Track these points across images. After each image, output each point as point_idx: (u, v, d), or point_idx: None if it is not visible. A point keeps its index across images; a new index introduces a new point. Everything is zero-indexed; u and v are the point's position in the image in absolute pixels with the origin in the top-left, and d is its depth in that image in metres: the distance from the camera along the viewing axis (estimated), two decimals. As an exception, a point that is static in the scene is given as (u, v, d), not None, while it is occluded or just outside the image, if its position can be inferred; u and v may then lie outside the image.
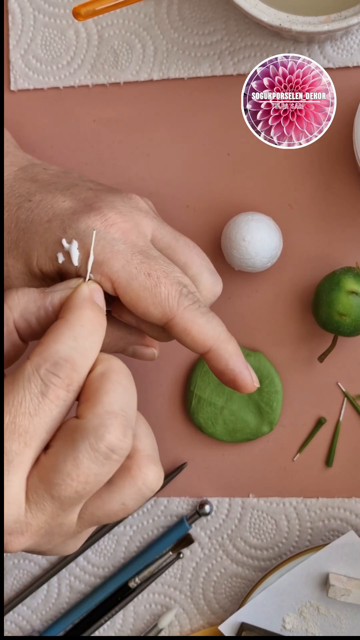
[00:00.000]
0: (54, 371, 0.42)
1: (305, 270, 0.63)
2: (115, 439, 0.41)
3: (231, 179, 0.64)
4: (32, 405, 0.42)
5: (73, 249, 0.48)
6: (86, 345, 0.43)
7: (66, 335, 0.43)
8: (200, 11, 0.64)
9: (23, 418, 0.41)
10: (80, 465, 0.41)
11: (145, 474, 0.45)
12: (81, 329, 0.44)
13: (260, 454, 0.64)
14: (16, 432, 0.41)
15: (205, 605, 0.65)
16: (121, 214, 0.50)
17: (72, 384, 0.43)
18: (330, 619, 0.62)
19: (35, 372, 0.42)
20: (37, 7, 0.66)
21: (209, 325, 0.49)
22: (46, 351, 0.42)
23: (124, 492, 0.44)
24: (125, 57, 0.65)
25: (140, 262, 0.48)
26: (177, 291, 0.48)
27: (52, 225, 0.49)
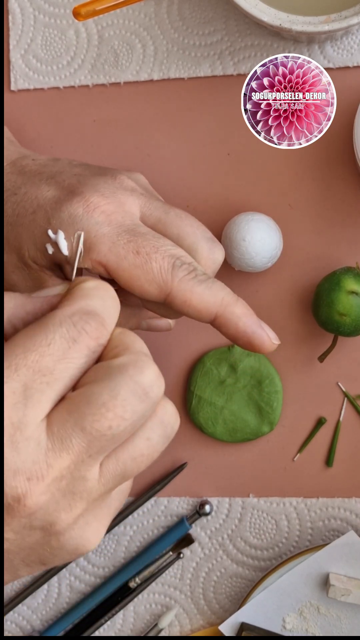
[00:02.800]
0: (87, 320, 0.40)
1: (305, 270, 0.63)
2: (154, 375, 0.40)
3: (231, 179, 0.64)
4: (61, 348, 0.39)
5: (60, 239, 0.47)
6: (111, 307, 0.41)
7: (94, 295, 0.41)
8: (200, 11, 0.64)
9: (50, 359, 0.38)
10: (117, 395, 0.38)
11: (163, 405, 0.42)
12: (105, 293, 0.41)
13: (261, 454, 0.64)
14: (40, 372, 0.38)
15: (205, 605, 0.65)
16: (104, 197, 0.49)
17: (100, 337, 0.40)
18: (330, 619, 0.62)
19: (68, 318, 0.39)
20: (37, 7, 0.66)
21: (209, 291, 0.47)
22: (77, 303, 0.40)
23: (145, 425, 0.41)
24: (126, 57, 0.65)
25: (127, 241, 0.47)
26: (170, 264, 0.47)
27: (36, 217, 0.49)
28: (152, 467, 0.65)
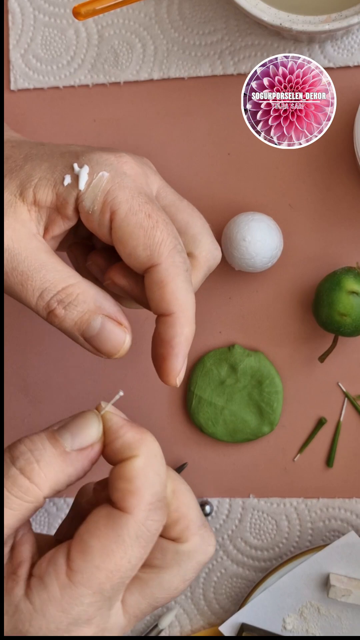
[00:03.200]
0: (158, 519, 0.43)
1: (305, 270, 0.63)
2: (213, 551, 0.46)
3: (231, 179, 0.64)
4: (138, 557, 0.42)
5: (83, 172, 0.47)
6: (163, 474, 0.44)
7: (152, 476, 0.43)
8: (200, 11, 0.64)
9: (129, 570, 0.42)
10: (187, 580, 0.45)
11: (197, 543, 0.45)
12: (155, 460, 0.44)
13: (261, 454, 0.64)
14: (121, 582, 0.42)
15: (205, 605, 0.65)
16: (134, 160, 0.49)
17: (165, 519, 0.44)
18: (330, 619, 0.62)
19: (142, 526, 0.42)
20: (37, 6, 0.66)
21: (185, 292, 0.47)
22: (143, 496, 0.42)
23: (178, 566, 0.45)
24: (126, 57, 0.65)
25: (145, 202, 0.47)
26: (173, 243, 0.47)
27: (65, 155, 0.48)
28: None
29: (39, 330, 0.67)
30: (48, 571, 0.41)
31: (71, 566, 0.41)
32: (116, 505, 0.42)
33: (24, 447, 0.43)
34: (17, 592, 0.41)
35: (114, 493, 0.43)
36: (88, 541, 0.41)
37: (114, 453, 0.44)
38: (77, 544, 0.42)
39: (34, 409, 0.67)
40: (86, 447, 0.44)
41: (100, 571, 0.41)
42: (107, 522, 0.42)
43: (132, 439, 0.44)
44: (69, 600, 0.41)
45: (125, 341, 0.48)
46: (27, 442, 0.43)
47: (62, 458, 0.43)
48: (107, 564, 0.41)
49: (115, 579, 0.41)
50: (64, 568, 0.41)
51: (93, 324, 0.47)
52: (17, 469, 0.42)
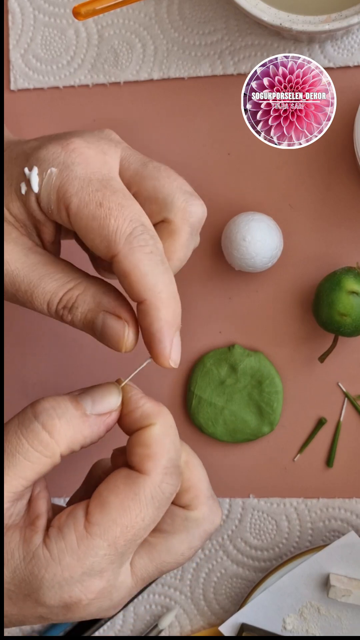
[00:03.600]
0: (173, 483, 0.46)
1: (305, 270, 0.63)
2: (220, 521, 0.49)
3: (231, 179, 0.63)
4: (152, 518, 0.45)
5: (33, 174, 0.46)
6: (178, 445, 0.47)
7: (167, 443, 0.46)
8: (200, 10, 0.64)
9: (142, 529, 0.45)
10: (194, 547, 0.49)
11: (205, 513, 0.49)
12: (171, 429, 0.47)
13: (261, 455, 0.64)
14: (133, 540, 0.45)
15: (205, 605, 0.65)
16: (85, 141, 0.47)
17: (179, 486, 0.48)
18: (330, 619, 0.62)
19: (158, 488, 0.45)
20: (37, 6, 0.66)
21: (152, 276, 0.45)
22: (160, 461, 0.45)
23: (186, 531, 0.48)
24: (126, 57, 0.65)
25: (96, 190, 0.45)
26: (130, 228, 0.45)
27: (17, 160, 0.48)
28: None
29: (38, 331, 0.67)
30: (67, 522, 0.44)
31: (89, 519, 0.44)
32: (134, 468, 0.45)
33: (47, 404, 0.45)
34: (36, 540, 0.44)
35: (133, 458, 0.45)
36: (107, 497, 0.44)
37: (133, 422, 0.47)
38: (96, 498, 0.44)
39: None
40: (105, 413, 0.46)
41: (116, 525, 0.43)
42: (126, 481, 0.44)
43: (151, 409, 0.47)
44: (85, 550, 0.43)
45: (126, 334, 0.47)
46: (51, 400, 0.45)
47: (82, 419, 0.45)
48: (123, 519, 0.44)
49: (129, 534, 0.44)
50: (82, 520, 0.44)
51: (97, 321, 0.47)
52: (39, 423, 0.44)
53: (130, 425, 0.47)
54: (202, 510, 0.48)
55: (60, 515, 0.45)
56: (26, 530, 0.44)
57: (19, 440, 0.44)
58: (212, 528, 0.49)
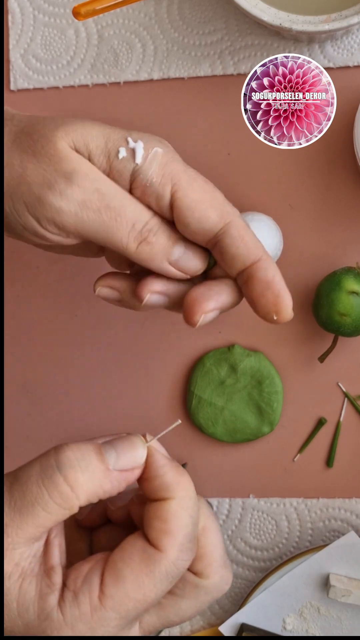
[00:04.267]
0: (188, 558, 0.47)
1: (305, 270, 0.63)
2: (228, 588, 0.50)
3: (231, 179, 0.63)
4: (165, 590, 0.46)
5: (138, 147, 0.48)
6: (196, 514, 0.47)
7: (186, 518, 0.46)
8: (200, 10, 0.64)
9: (154, 600, 0.46)
10: (200, 611, 0.50)
11: (216, 581, 0.49)
12: (190, 502, 0.47)
13: (261, 455, 0.64)
14: (144, 609, 0.46)
15: (205, 605, 0.65)
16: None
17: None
18: (330, 619, 0.62)
19: (173, 565, 0.46)
20: (37, 6, 0.66)
21: (256, 239, 0.50)
22: (177, 538, 0.46)
23: (196, 598, 0.49)
24: (125, 57, 0.65)
25: (196, 173, 0.50)
26: (230, 203, 0.50)
27: (113, 127, 0.50)
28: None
29: (39, 331, 0.67)
30: (82, 590, 0.44)
31: (104, 590, 0.44)
32: (151, 542, 0.45)
33: (72, 455, 0.45)
34: (51, 601, 0.44)
35: (150, 531, 0.46)
36: (121, 570, 0.45)
37: (152, 490, 0.47)
38: (111, 569, 0.45)
39: (34, 409, 0.67)
40: (128, 469, 0.46)
41: (130, 600, 0.44)
42: (142, 557, 0.45)
43: (171, 480, 0.47)
44: (97, 621, 0.44)
45: (206, 259, 0.51)
46: (75, 450, 0.45)
47: (105, 474, 0.45)
48: (137, 594, 0.45)
49: (141, 607, 0.45)
50: (97, 591, 0.44)
51: (178, 247, 0.50)
52: (62, 475, 0.44)
53: (149, 491, 0.47)
54: (214, 579, 0.49)
55: (76, 578, 0.45)
56: (42, 584, 0.45)
57: (39, 490, 0.44)
58: (220, 595, 0.50)
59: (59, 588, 0.45)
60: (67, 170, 0.47)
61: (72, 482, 0.44)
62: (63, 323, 0.66)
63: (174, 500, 0.46)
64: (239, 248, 0.49)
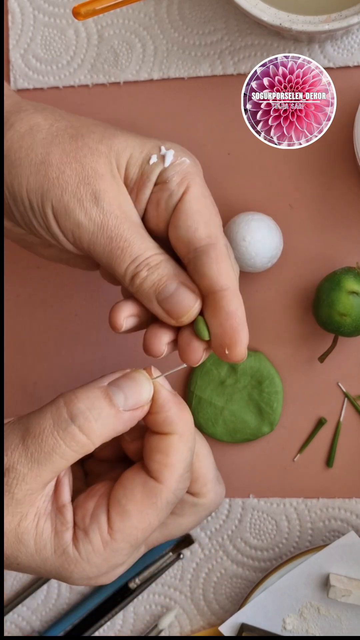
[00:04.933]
0: (187, 486, 0.51)
1: (305, 270, 0.63)
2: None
3: (231, 179, 0.63)
4: (165, 517, 0.51)
5: (169, 154, 0.51)
6: (193, 444, 0.51)
7: (186, 452, 0.50)
8: (200, 11, 0.64)
9: (156, 525, 0.50)
10: (199, 523, 0.57)
11: (212, 498, 0.54)
12: (191, 436, 0.51)
13: (261, 455, 0.64)
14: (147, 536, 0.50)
15: (205, 605, 0.65)
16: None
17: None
18: (330, 619, 0.62)
19: (172, 494, 0.49)
20: (37, 6, 0.66)
21: (231, 271, 0.51)
22: (176, 468, 0.49)
23: (194, 515, 0.54)
24: (125, 57, 0.65)
25: (209, 194, 0.52)
26: (223, 233, 0.52)
27: (149, 140, 0.53)
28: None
29: (39, 330, 0.67)
30: (92, 527, 0.48)
31: (112, 526, 0.48)
32: (151, 474, 0.49)
33: (83, 405, 0.48)
34: (66, 538, 0.48)
35: (151, 463, 0.49)
36: (126, 506, 0.48)
37: (156, 424, 0.50)
38: (116, 506, 0.49)
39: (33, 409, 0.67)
40: (137, 408, 0.49)
41: (137, 530, 0.49)
42: (144, 490, 0.49)
43: (174, 416, 0.50)
44: (110, 552, 0.48)
45: (195, 305, 0.50)
46: (85, 400, 0.48)
47: (116, 417, 0.48)
48: (143, 524, 0.49)
49: (147, 533, 0.49)
50: (106, 527, 0.48)
51: (169, 286, 0.50)
52: (77, 426, 0.47)
53: (152, 424, 0.50)
54: (210, 497, 0.54)
55: (84, 516, 0.49)
56: (57, 522, 0.48)
57: (56, 441, 0.47)
58: (217, 507, 0.55)
59: (72, 525, 0.48)
60: (98, 189, 0.50)
61: (87, 431, 0.47)
62: (63, 323, 0.66)
63: (176, 435, 0.49)
64: (211, 270, 0.50)
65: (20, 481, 0.46)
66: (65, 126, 0.52)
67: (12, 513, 0.47)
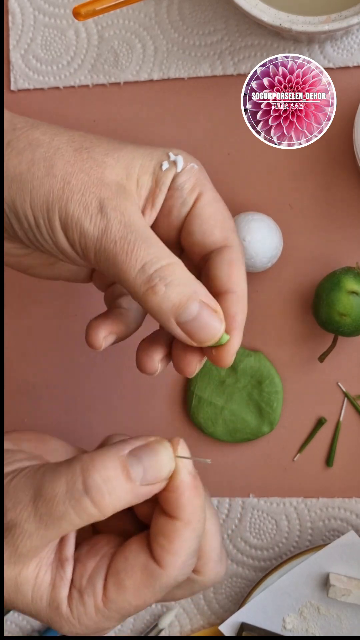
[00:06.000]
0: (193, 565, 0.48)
1: (305, 270, 0.63)
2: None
3: (231, 179, 0.64)
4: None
5: (179, 159, 0.50)
6: (202, 531, 0.48)
7: (191, 541, 0.47)
8: (200, 11, 0.64)
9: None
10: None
11: (211, 577, 0.50)
12: (198, 525, 0.47)
13: (261, 454, 0.64)
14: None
15: (205, 605, 0.65)
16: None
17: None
18: (330, 619, 0.62)
19: (173, 582, 0.47)
20: (37, 7, 0.66)
21: (245, 278, 0.49)
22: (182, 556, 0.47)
23: (190, 590, 0.51)
24: (126, 57, 0.65)
25: (219, 196, 0.51)
26: (238, 236, 0.51)
27: (156, 149, 0.51)
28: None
29: (39, 330, 0.67)
30: (87, 591, 0.46)
31: (107, 595, 0.46)
32: (154, 556, 0.46)
33: (99, 477, 0.45)
34: (62, 593, 0.47)
35: (154, 546, 0.46)
36: (124, 581, 0.46)
37: (165, 502, 0.47)
38: (114, 576, 0.47)
39: (33, 409, 0.67)
40: (155, 483, 0.46)
41: (130, 605, 0.47)
42: (144, 571, 0.46)
43: (185, 501, 0.46)
44: (101, 619, 0.47)
45: (220, 331, 0.47)
46: (102, 471, 0.45)
47: (132, 492, 0.46)
48: (137, 602, 0.47)
49: (140, 609, 0.48)
50: (101, 595, 0.46)
51: (191, 308, 0.46)
52: (89, 499, 0.45)
53: (162, 501, 0.47)
54: (209, 576, 0.50)
55: (82, 576, 0.47)
56: (56, 575, 0.47)
57: (66, 509, 0.45)
58: (213, 584, 0.52)
59: (69, 582, 0.47)
60: (103, 197, 0.47)
61: (99, 505, 0.45)
62: (63, 323, 0.66)
63: (183, 522, 0.46)
64: (222, 272, 0.48)
65: (25, 538, 0.45)
66: (67, 140, 0.49)
67: (14, 563, 0.46)
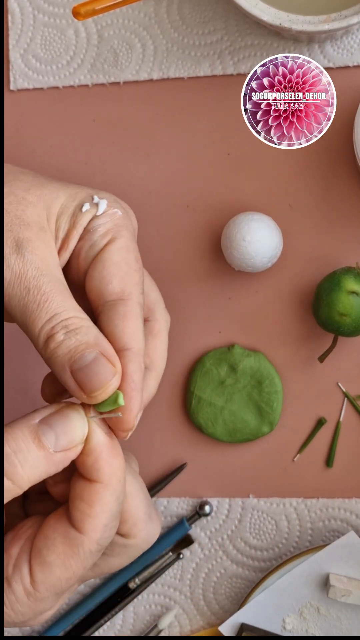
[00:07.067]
0: (114, 531, 0.47)
1: (305, 270, 0.63)
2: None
3: (231, 179, 0.64)
4: (91, 564, 0.47)
5: (102, 203, 0.49)
6: (122, 493, 0.46)
7: (112, 503, 0.46)
8: (200, 10, 0.64)
9: (81, 574, 0.46)
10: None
11: (143, 537, 0.50)
12: (119, 486, 0.46)
13: (261, 455, 0.64)
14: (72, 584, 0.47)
15: (205, 605, 0.65)
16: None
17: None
18: (330, 619, 0.62)
19: (96, 544, 0.45)
20: (36, 6, 0.66)
21: (142, 334, 0.47)
22: (102, 516, 0.45)
23: (126, 555, 0.50)
24: (125, 57, 0.65)
25: (137, 250, 0.49)
26: (141, 292, 0.49)
27: (83, 187, 0.50)
28: (151, 467, 0.65)
29: (38, 330, 0.67)
30: (15, 578, 0.45)
31: (34, 578, 0.45)
32: (73, 523, 0.45)
33: (9, 449, 0.44)
34: None
35: (74, 511, 0.45)
36: (47, 557, 0.45)
37: (83, 466, 0.45)
38: (37, 557, 0.45)
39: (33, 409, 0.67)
40: (69, 448, 0.45)
41: (60, 580, 0.45)
42: (65, 541, 0.45)
43: (103, 462, 0.45)
44: (34, 601, 0.45)
45: (112, 380, 0.45)
46: (11, 442, 0.44)
47: (46, 460, 0.44)
48: (66, 574, 0.45)
49: (72, 582, 0.46)
50: (28, 578, 0.45)
51: (87, 355, 0.45)
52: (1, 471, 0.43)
53: (80, 467, 0.46)
54: (140, 536, 0.49)
55: (8, 564, 0.46)
56: None
57: None
58: (150, 544, 0.50)
59: None
60: (21, 237, 0.46)
61: (13, 477, 0.43)
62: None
63: (102, 484, 0.45)
64: (116, 327, 0.46)
65: None
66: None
67: None
